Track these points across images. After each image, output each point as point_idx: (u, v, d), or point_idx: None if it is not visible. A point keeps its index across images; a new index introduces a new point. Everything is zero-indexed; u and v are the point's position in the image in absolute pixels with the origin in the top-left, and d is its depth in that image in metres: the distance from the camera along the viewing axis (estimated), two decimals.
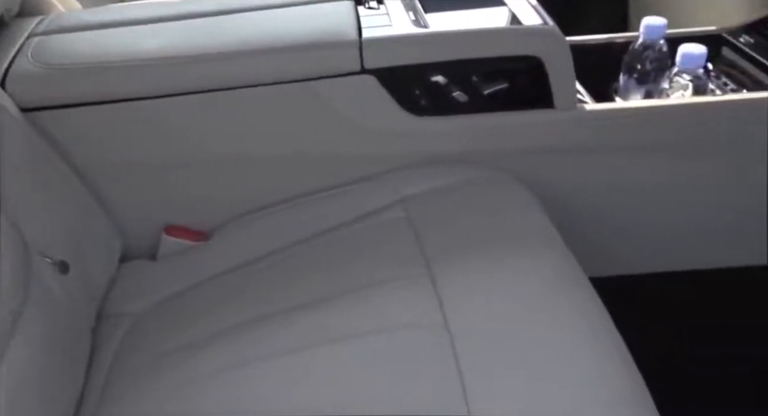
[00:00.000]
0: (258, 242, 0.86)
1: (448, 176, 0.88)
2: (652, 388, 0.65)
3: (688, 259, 0.99)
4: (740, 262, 0.99)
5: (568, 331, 0.67)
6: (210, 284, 0.82)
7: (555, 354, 0.65)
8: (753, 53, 1.00)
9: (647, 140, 0.91)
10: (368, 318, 0.71)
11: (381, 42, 0.85)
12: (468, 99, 0.89)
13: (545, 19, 0.90)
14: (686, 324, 1.01)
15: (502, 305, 0.70)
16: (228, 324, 0.74)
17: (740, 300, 1.01)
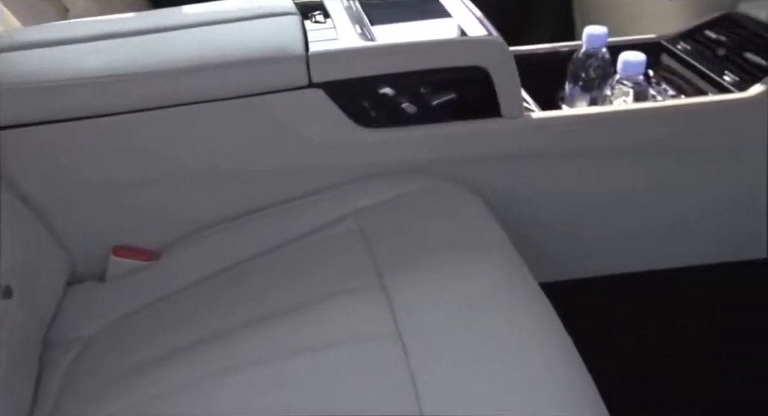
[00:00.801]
0: (209, 259, 0.85)
1: (400, 187, 0.88)
2: (604, 389, 0.66)
3: (637, 261, 1.01)
4: (689, 262, 1.02)
5: (518, 336, 0.68)
6: (160, 304, 0.81)
7: (506, 359, 0.65)
8: (690, 60, 1.04)
9: (592, 146, 0.93)
10: (321, 332, 0.70)
11: (328, 56, 0.86)
12: (417, 110, 0.90)
13: (490, 30, 0.91)
14: (638, 324, 1.04)
15: (454, 313, 0.70)
16: (180, 344, 0.73)
17: (693, 299, 1.04)
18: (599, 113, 0.93)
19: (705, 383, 1.04)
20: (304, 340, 0.70)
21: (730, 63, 1.00)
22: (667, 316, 1.05)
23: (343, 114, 0.88)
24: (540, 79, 1.04)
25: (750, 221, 1.00)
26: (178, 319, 0.78)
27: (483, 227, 0.84)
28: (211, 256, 0.86)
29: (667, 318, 1.05)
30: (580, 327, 0.78)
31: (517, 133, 0.91)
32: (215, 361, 0.70)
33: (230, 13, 0.96)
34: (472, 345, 0.66)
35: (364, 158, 0.90)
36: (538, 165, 0.94)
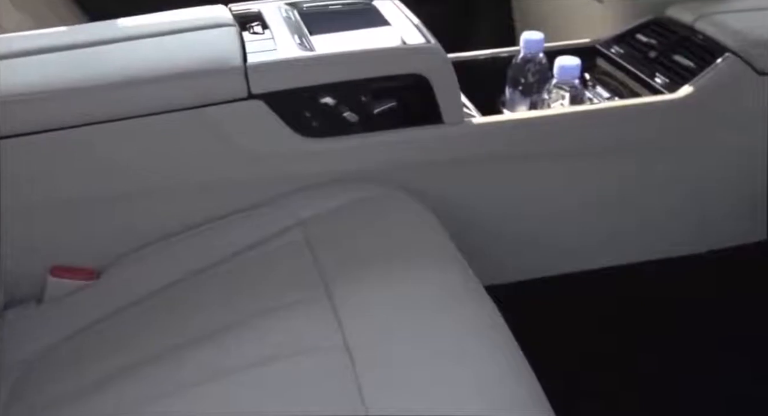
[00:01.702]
0: (151, 277, 0.84)
1: (344, 196, 0.88)
2: (552, 391, 0.68)
3: (581, 261, 1.03)
4: (633, 259, 1.05)
5: (464, 340, 0.69)
6: (102, 325, 0.79)
7: (453, 364, 0.66)
8: (623, 63, 1.07)
9: (532, 149, 0.95)
10: (267, 346, 0.70)
11: (266, 67, 0.85)
12: (358, 119, 0.90)
13: (428, 38, 0.92)
14: (586, 325, 1.06)
15: (400, 320, 0.70)
16: (122, 366, 0.71)
17: (640, 298, 1.07)
18: (537, 116, 0.95)
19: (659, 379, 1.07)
20: (251, 355, 0.69)
21: (660, 65, 1.03)
22: (615, 314, 1.08)
23: (285, 125, 0.87)
24: (481, 84, 1.06)
25: (690, 214, 1.04)
26: (119, 340, 0.77)
27: (428, 233, 0.85)
28: (153, 273, 0.85)
29: (615, 316, 1.08)
30: (528, 327, 0.79)
31: (459, 138, 0.92)
32: (160, 381, 0.68)
33: (167, 26, 0.95)
34: (420, 353, 0.67)
35: (307, 168, 0.90)
36: (480, 169, 0.95)
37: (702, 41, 1.02)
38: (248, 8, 1.01)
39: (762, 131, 0.99)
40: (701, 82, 0.96)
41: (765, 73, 0.96)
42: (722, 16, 1.04)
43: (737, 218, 1.04)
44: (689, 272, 1.05)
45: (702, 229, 1.05)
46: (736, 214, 1.04)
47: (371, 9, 1.03)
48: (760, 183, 1.02)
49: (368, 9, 1.03)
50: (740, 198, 1.04)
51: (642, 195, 1.02)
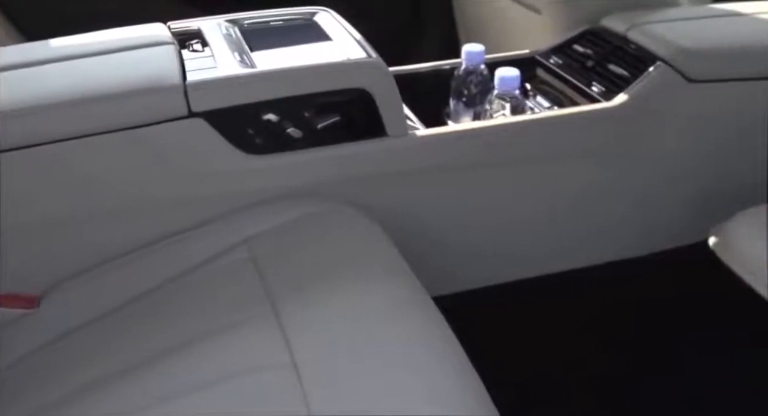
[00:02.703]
0: (94, 301, 0.82)
1: (290, 212, 0.88)
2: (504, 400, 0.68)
3: (530, 268, 1.05)
4: (580, 264, 1.07)
5: (412, 352, 0.69)
6: (43, 352, 0.77)
7: (401, 376, 0.66)
8: (562, 72, 1.10)
9: (475, 159, 0.96)
10: (214, 368, 0.69)
11: (206, 84, 0.85)
12: (302, 134, 0.90)
13: (369, 52, 0.93)
14: (537, 332, 1.08)
15: (348, 335, 0.70)
16: (65, 393, 0.69)
17: (590, 302, 1.09)
18: (479, 127, 0.96)
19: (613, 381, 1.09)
20: (197, 378, 0.68)
21: (596, 74, 1.06)
22: (565, 319, 1.10)
23: (227, 142, 0.87)
24: (425, 97, 1.08)
25: (633, 218, 1.06)
26: (62, 367, 0.74)
27: (375, 246, 0.85)
28: (97, 297, 0.83)
29: (565, 321, 1.10)
30: (478, 337, 0.80)
31: (403, 151, 0.93)
32: (105, 409, 0.67)
33: (104, 46, 0.93)
34: (367, 366, 0.67)
35: (252, 185, 0.90)
36: (426, 181, 0.96)
37: (635, 50, 1.05)
38: (187, 26, 1.00)
39: (693, 136, 1.03)
40: (635, 90, 0.99)
41: (694, 80, 0.99)
42: (653, 26, 1.08)
43: (678, 220, 1.08)
44: (635, 275, 1.07)
45: (646, 232, 1.08)
46: (676, 216, 1.08)
47: (313, 24, 1.03)
48: (696, 185, 1.06)
49: (310, 24, 1.03)
50: (679, 200, 1.07)
51: (585, 201, 1.04)
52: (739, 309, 0.94)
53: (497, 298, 1.04)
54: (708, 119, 1.03)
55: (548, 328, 1.07)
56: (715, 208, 0.99)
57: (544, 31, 1.22)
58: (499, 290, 1.04)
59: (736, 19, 1.13)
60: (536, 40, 1.21)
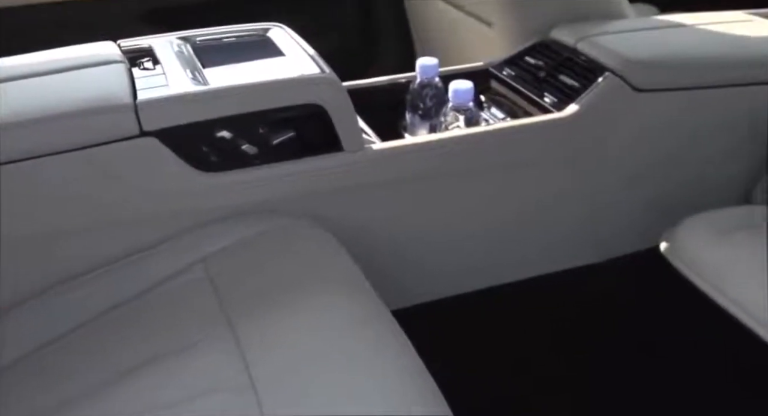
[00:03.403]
0: (49, 323, 0.80)
1: (247, 229, 0.88)
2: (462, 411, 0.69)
3: (488, 278, 1.06)
4: (537, 272, 1.08)
5: (373, 368, 0.69)
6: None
7: (361, 392, 0.66)
8: (515, 84, 1.12)
9: (432, 171, 0.97)
10: (171, 390, 0.68)
11: (157, 103, 0.84)
12: (258, 150, 0.90)
13: (323, 67, 0.93)
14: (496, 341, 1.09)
15: (307, 352, 0.70)
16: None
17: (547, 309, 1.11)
18: (434, 140, 0.97)
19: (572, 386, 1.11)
20: (156, 399, 0.67)
21: (548, 85, 1.08)
22: (524, 327, 1.11)
23: (181, 160, 0.86)
24: (382, 110, 1.08)
25: (587, 226, 1.08)
26: (19, 389, 0.72)
27: (333, 261, 0.85)
28: (51, 320, 0.81)
29: (524, 329, 1.11)
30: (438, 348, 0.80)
31: (360, 165, 0.93)
32: None
33: (52, 65, 0.92)
34: (327, 384, 0.66)
35: (208, 203, 0.89)
36: (383, 194, 0.96)
37: (584, 62, 1.08)
38: (138, 44, 0.99)
39: (643, 143, 1.06)
40: (585, 100, 1.01)
41: (641, 90, 1.02)
42: (601, 38, 1.10)
43: (632, 226, 1.10)
44: (592, 281, 1.09)
45: (601, 238, 1.10)
46: (630, 222, 1.10)
47: (266, 40, 1.03)
48: (648, 192, 1.09)
49: (263, 40, 1.03)
50: (632, 207, 1.09)
51: (541, 210, 1.06)
52: (689, 312, 0.96)
53: (458, 309, 1.05)
54: (656, 127, 1.06)
55: (507, 336, 1.08)
56: (667, 214, 1.01)
57: (497, 43, 1.24)
58: (459, 301, 1.05)
59: (680, 30, 1.17)
60: (490, 52, 1.23)
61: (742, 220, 0.97)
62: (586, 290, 1.09)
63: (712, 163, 1.11)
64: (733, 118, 1.08)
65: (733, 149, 1.11)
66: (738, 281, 0.84)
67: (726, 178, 1.13)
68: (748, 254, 0.87)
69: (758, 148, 1.11)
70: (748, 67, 1.07)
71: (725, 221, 0.95)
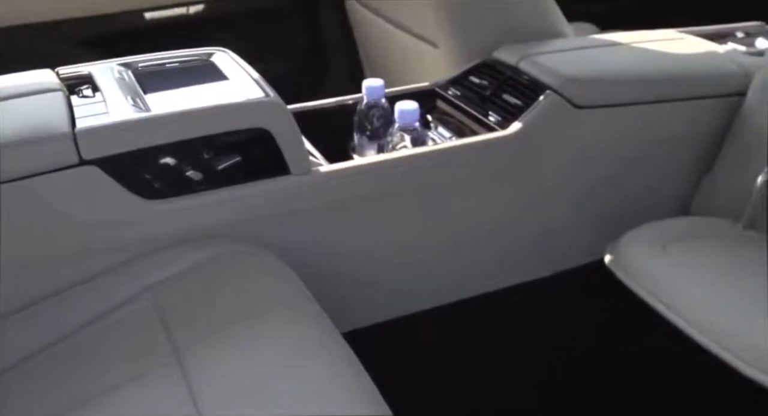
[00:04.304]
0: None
1: (194, 256, 0.86)
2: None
3: (441, 296, 1.07)
4: (489, 288, 1.09)
5: (324, 394, 0.68)
6: None
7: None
8: (460, 103, 1.14)
9: (379, 192, 0.97)
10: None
11: (97, 131, 0.83)
12: (203, 176, 0.89)
13: (267, 91, 0.93)
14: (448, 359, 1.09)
15: (254, 381, 0.69)
16: None
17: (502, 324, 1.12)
18: (381, 161, 0.97)
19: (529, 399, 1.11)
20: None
21: (493, 104, 1.10)
22: (477, 343, 1.12)
23: (124, 189, 0.84)
24: (331, 132, 1.09)
25: (536, 239, 1.10)
26: None
27: (282, 286, 0.84)
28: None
29: (478, 345, 1.12)
30: (391, 369, 0.80)
31: (307, 188, 0.93)
32: None
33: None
34: (276, 412, 0.66)
35: (153, 231, 0.87)
36: (333, 216, 0.96)
37: (526, 80, 1.10)
38: (77, 71, 0.98)
39: (586, 159, 1.08)
40: (528, 118, 1.03)
41: (581, 107, 1.05)
42: (542, 57, 1.13)
43: (579, 239, 1.12)
44: (541, 295, 1.11)
45: (549, 253, 1.12)
46: (577, 236, 1.12)
47: (210, 65, 1.02)
48: (594, 206, 1.11)
49: (207, 65, 1.02)
50: (578, 221, 1.12)
51: (490, 226, 1.07)
52: (635, 322, 0.98)
53: (411, 328, 1.05)
54: (598, 142, 1.09)
55: (462, 353, 1.09)
56: (613, 226, 1.04)
57: (443, 64, 1.26)
58: (412, 320, 1.05)
59: (617, 49, 1.21)
60: (436, 72, 1.25)
61: (682, 231, 1.00)
62: (537, 304, 1.10)
63: (654, 175, 1.14)
64: (672, 132, 1.12)
65: (674, 162, 1.15)
66: (677, 290, 0.86)
67: (668, 190, 1.16)
68: (687, 265, 0.90)
69: (696, 160, 1.15)
70: (681, 83, 1.11)
71: (665, 233, 0.98)
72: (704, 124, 1.13)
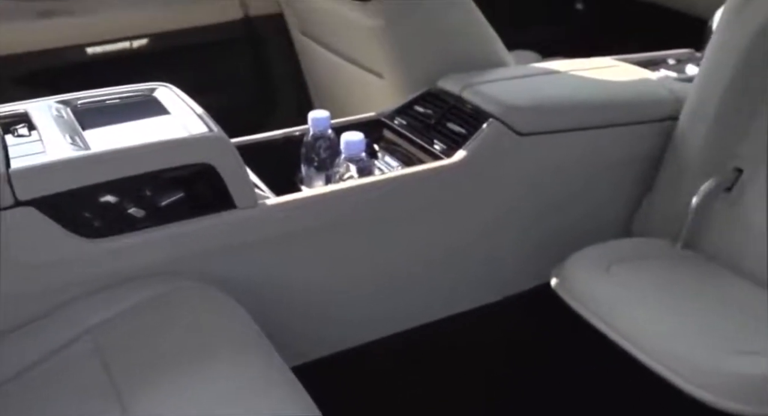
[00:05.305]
0: None
1: (137, 295, 0.84)
2: None
3: (393, 324, 1.07)
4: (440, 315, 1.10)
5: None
6: None
7: None
8: (406, 132, 1.15)
9: (328, 222, 0.97)
10: None
11: (32, 171, 0.81)
12: (145, 213, 0.87)
13: (210, 126, 0.92)
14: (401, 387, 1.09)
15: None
16: None
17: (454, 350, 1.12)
18: (327, 192, 0.97)
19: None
20: None
21: (438, 133, 1.12)
22: (431, 369, 1.12)
23: (63, 229, 0.82)
24: (279, 164, 1.09)
25: (483, 266, 1.11)
26: None
27: (229, 322, 0.83)
28: None
29: (432, 371, 1.12)
30: (343, 402, 0.79)
31: (254, 221, 0.93)
32: None
33: None
34: None
35: (95, 271, 0.85)
36: (281, 248, 0.96)
37: (469, 109, 1.12)
38: (13, 109, 0.96)
39: (530, 185, 1.10)
40: (472, 146, 1.05)
41: (523, 134, 1.07)
42: (484, 86, 1.16)
43: (525, 263, 1.14)
44: (490, 320, 1.12)
45: (497, 278, 1.13)
46: (524, 260, 1.14)
47: (152, 100, 1.01)
48: (540, 230, 1.13)
49: (149, 101, 1.01)
50: (525, 245, 1.14)
51: (439, 254, 1.08)
52: (581, 343, 1.00)
53: (364, 358, 1.04)
54: (541, 168, 1.11)
55: (417, 382, 1.09)
56: (560, 250, 1.06)
57: (389, 94, 1.28)
58: (365, 350, 1.04)
59: (556, 77, 1.24)
60: (383, 102, 1.27)
61: (624, 252, 1.03)
62: (487, 329, 1.11)
63: (597, 199, 1.17)
64: (612, 156, 1.16)
65: (615, 185, 1.18)
66: (620, 311, 0.88)
67: (610, 212, 1.19)
68: (629, 286, 0.92)
69: (636, 183, 1.18)
70: (618, 109, 1.15)
71: (608, 255, 1.01)
72: (641, 148, 1.17)
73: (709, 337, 0.85)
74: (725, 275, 0.99)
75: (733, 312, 0.91)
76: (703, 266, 1.02)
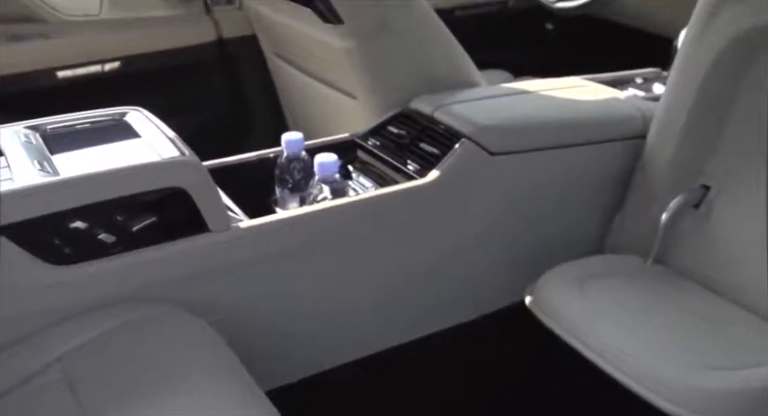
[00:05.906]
0: None
1: (107, 322, 0.83)
2: None
3: (370, 345, 1.06)
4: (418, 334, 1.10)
5: None
6: None
7: None
8: (380, 153, 1.16)
9: (303, 244, 0.97)
10: None
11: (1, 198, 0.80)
12: (116, 239, 0.87)
13: (182, 149, 0.92)
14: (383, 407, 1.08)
15: None
16: None
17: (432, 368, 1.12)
18: (300, 214, 0.97)
19: None
20: None
21: (411, 153, 1.13)
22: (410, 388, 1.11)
23: (32, 256, 0.81)
24: (253, 186, 1.08)
25: (459, 286, 1.12)
26: None
27: (203, 348, 0.82)
28: None
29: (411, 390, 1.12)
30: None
31: (227, 245, 0.92)
32: None
33: None
34: None
35: (63, 299, 0.84)
36: (255, 271, 0.95)
37: (442, 129, 1.13)
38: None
39: (504, 203, 1.11)
40: (445, 166, 1.06)
41: (495, 153, 1.09)
42: (456, 106, 1.17)
43: (500, 282, 1.15)
44: (466, 339, 1.12)
45: (473, 296, 1.14)
46: (500, 279, 1.15)
47: (122, 124, 1.01)
48: (515, 249, 1.14)
49: (120, 125, 1.01)
50: (501, 264, 1.14)
51: (415, 274, 1.08)
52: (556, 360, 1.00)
53: (340, 380, 1.04)
54: (513, 187, 1.12)
55: (388, 401, 1.08)
56: (534, 268, 1.07)
57: (362, 115, 1.28)
58: (338, 372, 1.04)
59: (528, 96, 1.26)
60: (356, 123, 1.27)
61: (597, 269, 1.04)
62: (463, 348, 1.11)
63: (570, 217, 1.19)
64: (583, 174, 1.17)
65: (587, 203, 1.20)
66: (593, 328, 0.89)
67: (583, 230, 1.21)
68: (602, 303, 0.93)
69: (608, 200, 1.20)
70: (588, 128, 1.17)
71: (581, 272, 1.02)
72: (612, 166, 1.18)
73: (680, 352, 0.86)
74: (695, 289, 1.01)
75: (703, 326, 0.92)
76: (674, 281, 1.03)
